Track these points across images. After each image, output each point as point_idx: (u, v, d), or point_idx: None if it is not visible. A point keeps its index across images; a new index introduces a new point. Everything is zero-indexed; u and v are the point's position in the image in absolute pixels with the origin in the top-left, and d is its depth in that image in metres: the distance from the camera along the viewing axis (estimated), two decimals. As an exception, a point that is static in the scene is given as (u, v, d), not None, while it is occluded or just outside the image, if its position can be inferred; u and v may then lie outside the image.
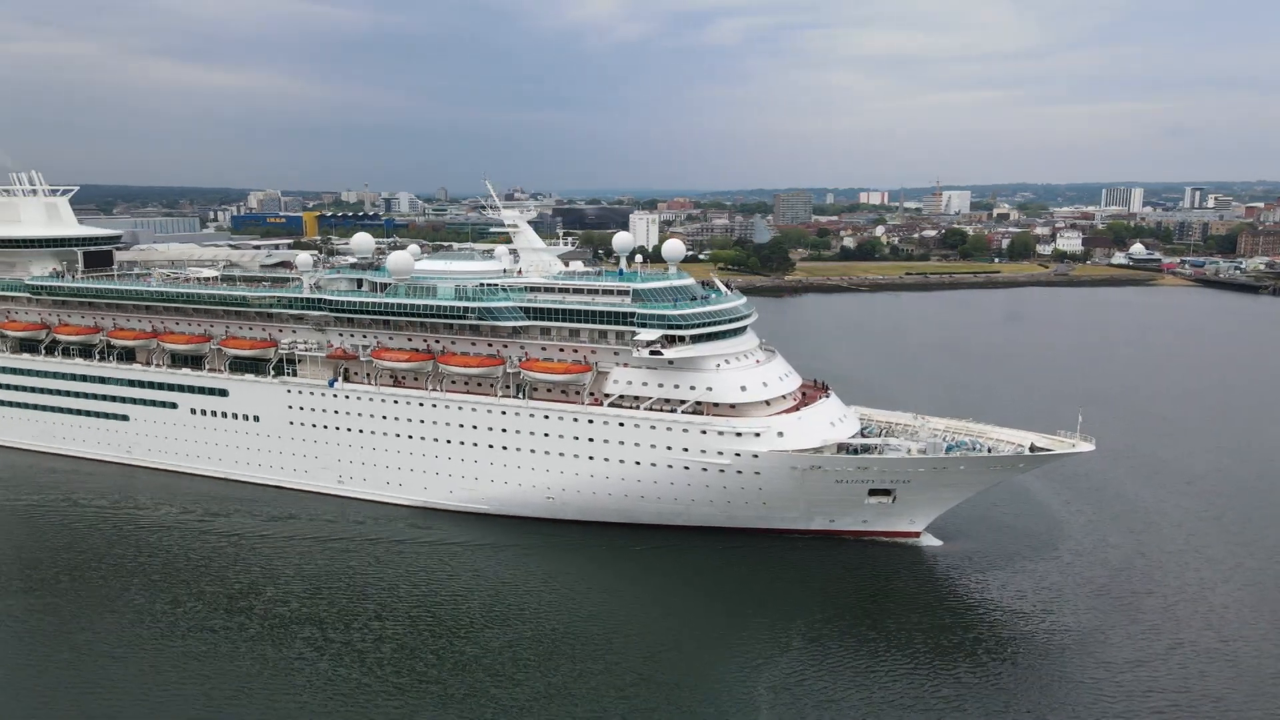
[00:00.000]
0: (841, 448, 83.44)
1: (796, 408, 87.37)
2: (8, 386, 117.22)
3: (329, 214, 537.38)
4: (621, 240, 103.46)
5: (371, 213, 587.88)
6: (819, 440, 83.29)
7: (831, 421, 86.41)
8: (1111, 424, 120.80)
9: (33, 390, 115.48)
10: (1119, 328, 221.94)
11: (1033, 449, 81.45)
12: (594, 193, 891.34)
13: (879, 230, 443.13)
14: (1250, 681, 60.71)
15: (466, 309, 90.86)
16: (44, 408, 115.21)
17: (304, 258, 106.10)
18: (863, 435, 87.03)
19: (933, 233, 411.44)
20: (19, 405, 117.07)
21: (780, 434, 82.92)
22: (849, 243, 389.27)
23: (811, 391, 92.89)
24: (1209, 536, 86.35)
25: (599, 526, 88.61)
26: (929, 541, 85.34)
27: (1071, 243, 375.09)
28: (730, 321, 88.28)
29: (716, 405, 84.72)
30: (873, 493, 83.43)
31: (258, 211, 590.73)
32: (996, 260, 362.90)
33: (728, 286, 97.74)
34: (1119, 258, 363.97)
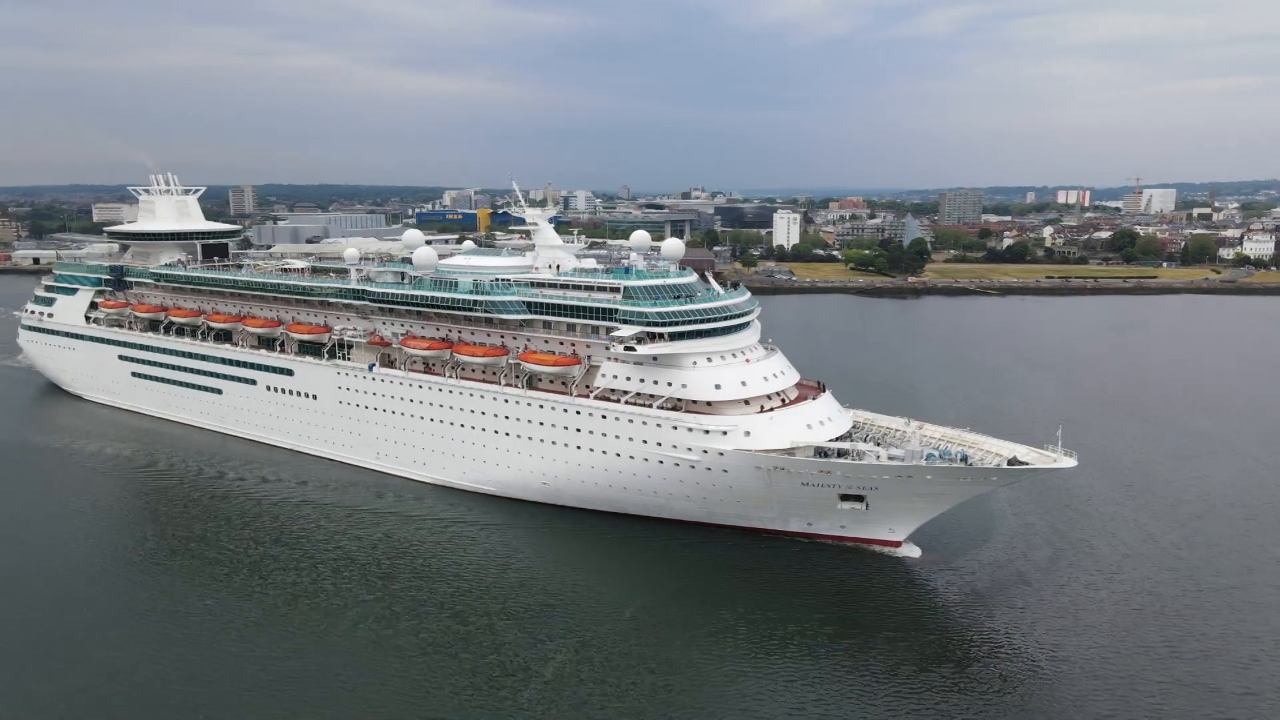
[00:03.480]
0: (819, 451, 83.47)
1: (787, 406, 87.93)
2: (136, 360, 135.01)
3: (501, 211, 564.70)
4: (638, 239, 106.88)
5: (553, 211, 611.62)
6: (789, 441, 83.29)
7: (809, 423, 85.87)
8: (1117, 437, 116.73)
9: (154, 364, 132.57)
10: (1247, 342, 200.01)
11: (1011, 462, 78.72)
12: (772, 191, 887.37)
13: (1046, 231, 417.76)
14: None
15: (476, 302, 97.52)
16: (162, 380, 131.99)
17: (351, 252, 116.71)
18: (849, 439, 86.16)
19: (1104, 234, 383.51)
20: (145, 377, 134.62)
21: (747, 433, 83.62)
22: (1008, 244, 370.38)
23: (809, 391, 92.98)
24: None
25: (593, 515, 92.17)
26: (909, 552, 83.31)
27: (1262, 246, 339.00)
28: (716, 320, 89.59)
29: (695, 402, 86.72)
30: (845, 498, 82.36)
31: (450, 208, 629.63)
32: (1165, 265, 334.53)
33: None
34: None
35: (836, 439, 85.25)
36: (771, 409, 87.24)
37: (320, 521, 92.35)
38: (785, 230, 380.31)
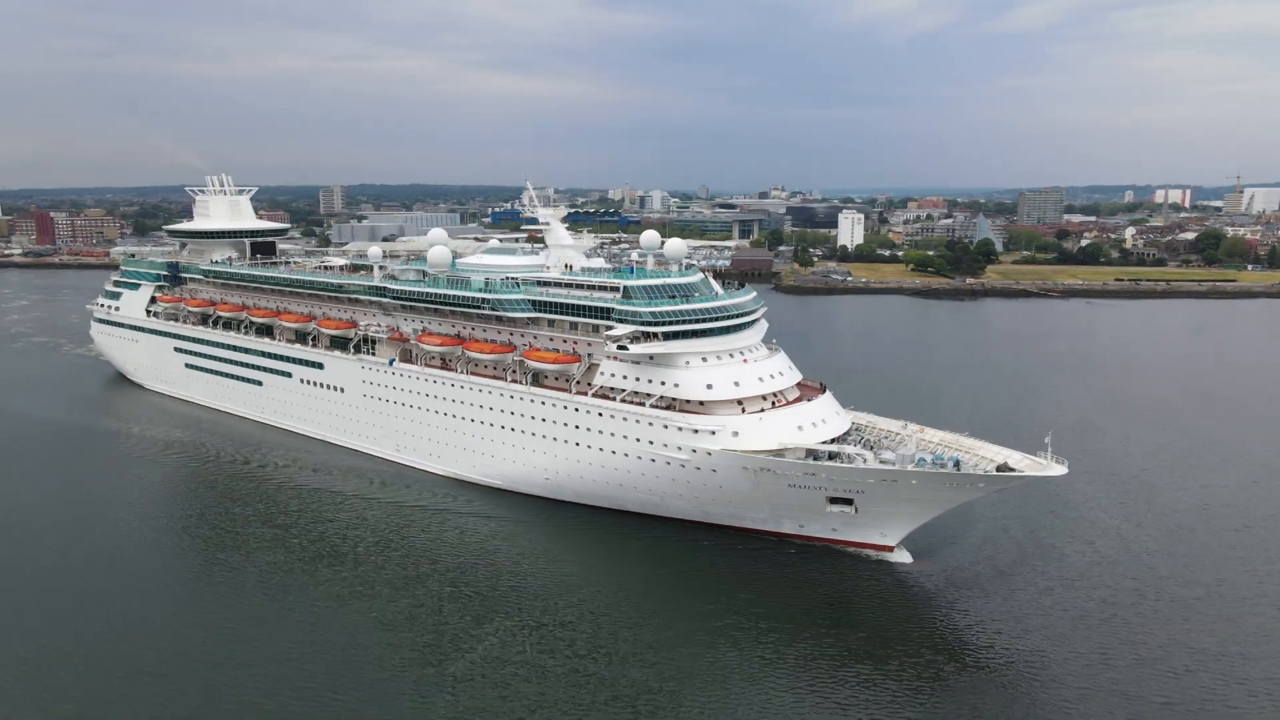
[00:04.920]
0: (810, 453, 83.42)
1: (783, 406, 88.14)
2: (189, 352, 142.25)
3: (572, 210, 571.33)
4: (648, 238, 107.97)
5: (628, 210, 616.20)
6: (777, 442, 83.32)
7: (800, 425, 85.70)
8: (1132, 443, 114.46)
9: (204, 356, 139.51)
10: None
11: (1001, 469, 77.45)
12: (853, 191, 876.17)
13: (1128, 232, 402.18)
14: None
15: (484, 300, 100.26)
16: (211, 371, 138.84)
17: (375, 251, 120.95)
18: (843, 441, 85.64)
19: (1189, 236, 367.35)
20: (196, 368, 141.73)
21: (735, 434, 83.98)
22: (1084, 245, 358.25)
23: (810, 392, 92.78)
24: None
25: (594, 511, 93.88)
26: (900, 557, 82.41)
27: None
28: (712, 320, 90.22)
29: (689, 402, 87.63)
30: (833, 501, 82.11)
31: (526, 207, 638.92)
32: (1250, 268, 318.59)
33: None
34: None
35: (831, 441, 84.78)
36: (761, 410, 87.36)
37: (331, 506, 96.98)
38: (849, 230, 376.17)
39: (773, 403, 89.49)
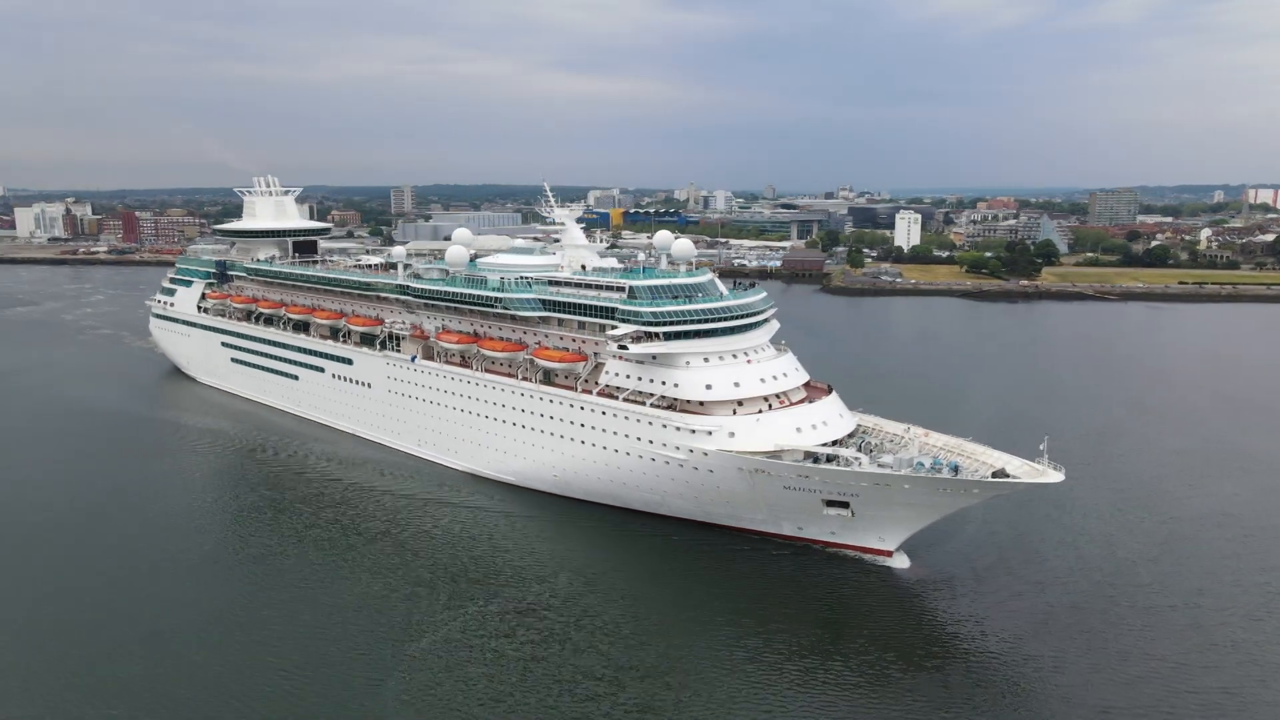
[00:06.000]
0: (808, 455, 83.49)
1: (785, 407, 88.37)
2: (234, 347, 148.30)
3: (633, 210, 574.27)
4: (661, 238, 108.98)
5: (691, 210, 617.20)
6: (773, 444, 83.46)
7: (798, 426, 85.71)
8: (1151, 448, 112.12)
9: (247, 351, 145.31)
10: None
11: (996, 475, 76.58)
12: (922, 191, 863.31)
13: (1204, 234, 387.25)
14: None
15: (497, 299, 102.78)
16: (254, 365, 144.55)
17: (398, 250, 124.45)
18: (845, 444, 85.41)
19: (1268, 237, 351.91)
20: (241, 363, 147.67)
21: (731, 434, 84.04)
22: (1150, 246, 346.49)
23: (817, 393, 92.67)
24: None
25: (600, 509, 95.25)
26: (899, 562, 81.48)
27: None
28: (715, 320, 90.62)
29: (689, 402, 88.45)
30: (829, 504, 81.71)
31: (591, 208, 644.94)
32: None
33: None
34: None
35: (833, 443, 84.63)
36: (759, 411, 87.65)
37: (344, 496, 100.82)
38: (905, 231, 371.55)
39: (770, 404, 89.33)
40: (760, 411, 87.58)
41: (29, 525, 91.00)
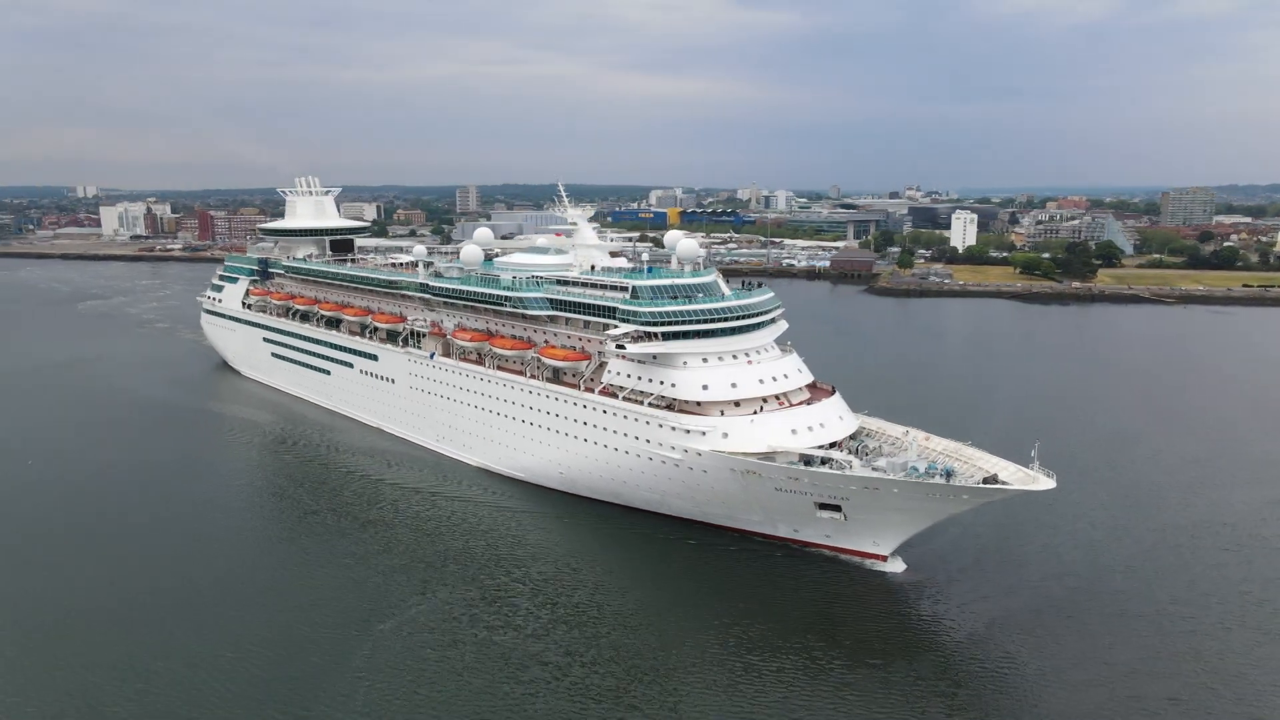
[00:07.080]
0: (803, 457, 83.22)
1: (783, 408, 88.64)
2: (274, 343, 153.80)
3: (693, 210, 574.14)
4: (671, 239, 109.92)
5: (752, 210, 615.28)
6: (767, 445, 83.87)
7: (794, 428, 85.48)
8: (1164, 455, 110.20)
9: (286, 346, 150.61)
10: None
11: (987, 481, 75.80)
12: (992, 190, 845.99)
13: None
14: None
15: (506, 298, 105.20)
16: (291, 361, 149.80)
17: (419, 249, 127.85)
18: (842, 447, 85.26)
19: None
20: (280, 358, 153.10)
21: (725, 435, 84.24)
22: (1220, 248, 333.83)
23: (821, 395, 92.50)
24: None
25: (602, 506, 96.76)
26: (893, 567, 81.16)
27: None
28: (715, 320, 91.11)
29: (686, 402, 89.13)
30: (822, 506, 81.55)
31: (651, 207, 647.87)
32: None
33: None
34: None
35: (830, 445, 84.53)
36: (754, 411, 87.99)
37: (354, 486, 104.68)
38: (961, 231, 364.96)
39: (762, 405, 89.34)
40: (755, 412, 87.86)
41: (77, 515, 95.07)
